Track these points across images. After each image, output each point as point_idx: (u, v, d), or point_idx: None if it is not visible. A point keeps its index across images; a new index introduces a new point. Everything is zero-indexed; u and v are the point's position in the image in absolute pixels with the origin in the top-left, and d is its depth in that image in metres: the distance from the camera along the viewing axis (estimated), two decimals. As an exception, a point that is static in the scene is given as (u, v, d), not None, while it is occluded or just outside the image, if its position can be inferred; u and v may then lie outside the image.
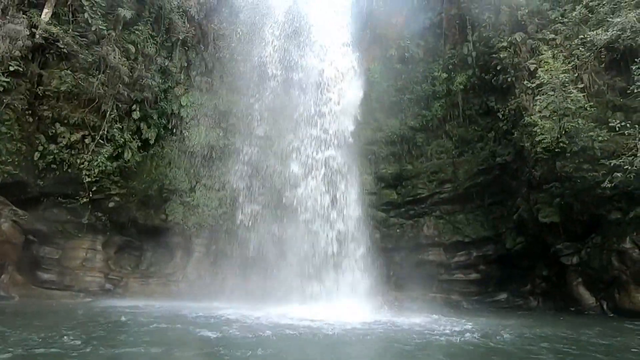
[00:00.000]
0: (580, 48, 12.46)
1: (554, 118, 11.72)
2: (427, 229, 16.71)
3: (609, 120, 11.25)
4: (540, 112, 12.48)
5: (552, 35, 13.86)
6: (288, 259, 14.11)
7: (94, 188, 13.17)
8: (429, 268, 16.26)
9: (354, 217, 14.71)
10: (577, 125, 11.22)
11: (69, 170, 12.81)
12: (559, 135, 11.81)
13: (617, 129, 10.84)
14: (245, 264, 14.79)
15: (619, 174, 10.30)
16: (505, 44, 15.03)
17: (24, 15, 10.94)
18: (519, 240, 14.74)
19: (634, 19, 11.20)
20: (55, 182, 12.85)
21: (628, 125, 10.70)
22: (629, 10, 11.44)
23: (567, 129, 11.58)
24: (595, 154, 11.34)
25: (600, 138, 10.91)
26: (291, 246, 14.19)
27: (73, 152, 13.02)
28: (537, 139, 12.32)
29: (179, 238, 15.09)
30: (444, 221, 16.62)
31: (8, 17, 10.59)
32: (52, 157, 12.58)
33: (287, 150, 15.52)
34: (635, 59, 10.99)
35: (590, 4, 12.78)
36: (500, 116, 15.24)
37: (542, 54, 13.48)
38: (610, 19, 11.86)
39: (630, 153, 10.34)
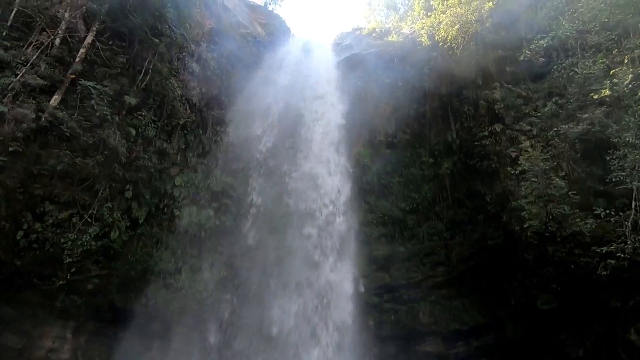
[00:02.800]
0: (556, 139, 13.32)
1: (540, 204, 12.04)
2: (423, 316, 15.92)
3: (593, 207, 11.56)
4: (525, 197, 12.85)
5: (529, 127, 14.91)
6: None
7: (73, 269, 12.52)
8: (427, 361, 15.10)
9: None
10: (563, 212, 11.49)
11: (51, 249, 12.29)
12: (546, 220, 12.01)
13: (603, 216, 11.09)
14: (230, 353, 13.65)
15: (612, 261, 10.26)
16: (485, 133, 16.06)
17: (33, 101, 11.52)
18: (519, 328, 14.02)
19: (600, 115, 12.24)
20: (33, 262, 12.20)
21: (612, 212, 10.98)
22: (595, 108, 12.54)
23: (554, 214, 11.82)
24: (585, 239, 11.43)
25: (587, 225, 11.09)
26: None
27: (58, 231, 12.62)
28: (526, 224, 12.48)
29: (157, 325, 14.01)
30: (440, 307, 15.92)
31: (18, 102, 11.13)
32: (35, 235, 12.16)
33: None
34: (608, 150, 11.76)
35: (559, 101, 14.03)
36: (488, 199, 15.61)
37: (521, 144, 14.39)
38: (579, 115, 12.94)
39: (620, 240, 10.43)
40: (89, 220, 12.86)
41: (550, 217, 11.87)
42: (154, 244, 14.92)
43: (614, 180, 11.24)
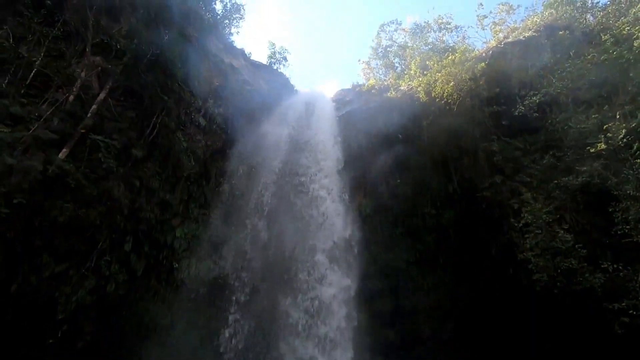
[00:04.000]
0: (557, 191, 13.38)
1: (547, 257, 11.79)
2: (432, 378, 14.91)
3: (600, 261, 11.31)
4: (531, 249, 12.63)
5: (528, 179, 15.06)
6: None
7: (65, 327, 11.99)
8: None
9: None
10: (571, 266, 11.22)
11: (44, 304, 11.87)
12: (555, 274, 11.70)
13: (611, 270, 10.81)
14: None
15: (625, 319, 9.82)
16: (486, 184, 16.21)
17: (42, 154, 11.81)
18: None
19: (599, 168, 12.40)
20: (23, 317, 11.75)
21: (620, 267, 10.71)
22: (592, 160, 12.75)
23: (561, 268, 11.53)
24: (597, 294, 11.03)
25: (597, 280, 10.77)
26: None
27: (54, 284, 12.30)
28: (534, 277, 12.14)
29: (150, 388, 13.11)
30: (449, 368, 14.95)
31: (27, 155, 11.40)
32: (30, 289, 11.81)
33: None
34: (610, 202, 11.75)
35: (557, 154, 14.30)
36: (493, 252, 15.33)
37: (522, 195, 14.43)
38: (577, 168, 13.11)
39: (631, 296, 10.06)
40: (85, 273, 12.57)
41: (559, 271, 11.56)
42: (151, 297, 14.45)
43: (619, 232, 11.09)
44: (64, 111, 13.02)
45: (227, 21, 24.31)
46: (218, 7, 21.27)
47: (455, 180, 18.21)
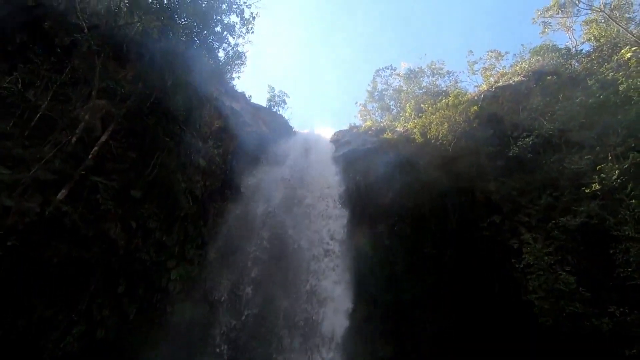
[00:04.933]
0: (556, 231, 13.30)
1: (551, 300, 11.49)
2: None
3: (606, 304, 11.00)
4: (535, 292, 12.33)
5: (527, 219, 15.03)
6: None
7: (50, 376, 11.37)
8: None
9: None
10: (576, 309, 10.90)
11: (29, 352, 11.32)
12: (560, 318, 11.32)
13: (618, 314, 10.49)
14: None
15: (640, 366, 9.39)
16: (485, 224, 16.12)
17: (40, 195, 11.81)
18: None
19: (596, 208, 12.42)
20: (7, 365, 11.16)
21: (627, 311, 10.41)
22: (589, 201, 12.80)
23: (567, 312, 11.19)
24: (606, 338, 10.62)
25: (604, 325, 10.42)
26: None
27: (40, 329, 11.80)
28: (540, 320, 11.75)
29: None
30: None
31: (25, 197, 11.40)
32: (15, 336, 11.31)
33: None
34: (611, 244, 11.64)
35: (554, 194, 14.38)
36: (496, 289, 14.93)
37: (522, 235, 14.32)
38: (574, 208, 13.13)
39: (641, 341, 9.70)
40: (74, 318, 12.10)
41: (564, 315, 11.20)
42: (142, 342, 13.80)
43: (622, 275, 10.90)
44: (66, 153, 13.19)
45: (229, 67, 25.35)
46: (221, 54, 22.26)
47: (453, 220, 18.12)
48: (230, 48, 22.71)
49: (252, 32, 21.85)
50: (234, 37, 21.21)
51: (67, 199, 12.54)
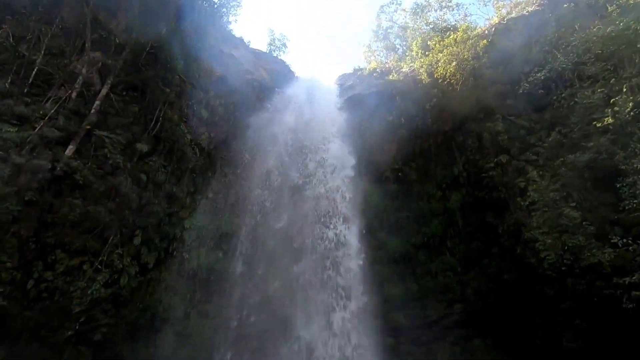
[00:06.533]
0: (563, 168, 13.25)
1: (554, 235, 11.76)
2: (442, 358, 15.12)
3: (609, 236, 11.25)
4: (539, 228, 12.59)
5: (534, 157, 14.91)
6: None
7: (82, 318, 12.32)
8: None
9: None
10: (578, 242, 11.18)
11: (60, 299, 12.17)
12: (562, 252, 11.67)
13: (620, 245, 10.76)
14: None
15: (637, 292, 9.82)
16: (492, 164, 16.05)
17: (49, 152, 11.96)
18: (549, 369, 13.15)
19: (606, 143, 12.24)
20: (42, 313, 12.04)
21: (630, 241, 10.66)
22: (599, 136, 12.58)
23: (569, 245, 11.50)
24: (605, 270, 11.01)
25: (606, 255, 10.74)
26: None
27: (68, 279, 12.56)
28: (542, 255, 12.13)
29: (167, 376, 13.51)
30: (459, 348, 15.15)
31: (35, 154, 11.57)
32: (46, 284, 12.11)
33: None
34: (618, 178, 11.63)
35: (563, 131, 14.11)
36: (500, 231, 15.30)
37: (529, 174, 14.31)
38: (584, 144, 12.94)
39: (641, 270, 10.05)
40: (99, 267, 12.84)
41: (566, 248, 11.53)
42: (163, 289, 14.73)
43: (627, 208, 11.01)
44: (68, 109, 13.13)
45: (224, 9, 24.00)
46: (214, -4, 20.93)
47: (460, 163, 18.06)
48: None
49: (246, -30, 20.39)
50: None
51: (75, 155, 12.71)
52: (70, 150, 12.38)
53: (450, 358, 14.99)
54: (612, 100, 12.65)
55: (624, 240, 10.81)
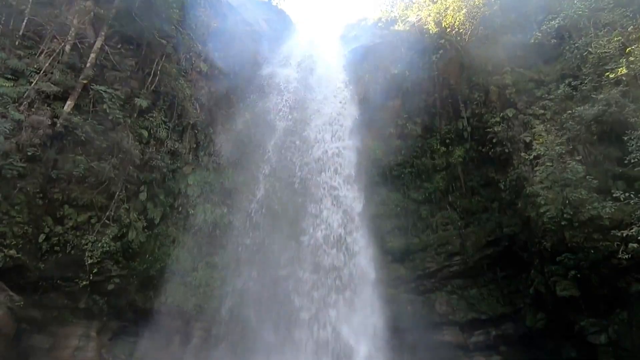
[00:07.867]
0: (570, 122, 13.01)
1: (556, 189, 11.79)
2: (440, 306, 15.85)
3: (611, 190, 11.28)
4: (541, 182, 12.61)
5: (542, 111, 14.61)
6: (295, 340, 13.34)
7: (95, 270, 12.86)
8: (446, 351, 15.04)
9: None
10: (580, 196, 11.23)
11: (72, 252, 12.64)
12: (563, 206, 11.75)
13: (622, 199, 10.80)
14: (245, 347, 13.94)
15: (634, 245, 10.00)
16: (497, 119, 15.77)
17: (48, 108, 11.81)
18: (539, 316, 13.70)
19: (617, 95, 11.89)
20: (56, 265, 12.57)
21: (632, 195, 10.69)
22: (611, 87, 12.19)
23: (570, 199, 11.56)
24: (604, 223, 11.14)
25: (606, 209, 10.82)
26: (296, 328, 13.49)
27: (78, 233, 12.96)
28: (542, 209, 12.25)
29: (177, 322, 14.31)
30: (456, 297, 15.82)
31: (33, 110, 11.42)
32: (57, 238, 12.51)
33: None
34: (626, 131, 11.43)
35: (573, 83, 13.67)
36: (502, 187, 15.35)
37: (535, 128, 14.09)
38: (594, 96, 12.59)
39: (640, 223, 10.16)
40: (107, 222, 13.16)
41: (567, 202, 11.60)
42: (171, 242, 15.18)
43: (632, 161, 10.93)
44: (63, 62, 12.76)
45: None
46: None
47: (465, 117, 17.73)
48: None
49: None
50: None
51: (74, 111, 12.55)
52: (68, 105, 12.20)
53: (447, 306, 15.68)
54: (627, 50, 12.12)
55: (626, 194, 10.82)
